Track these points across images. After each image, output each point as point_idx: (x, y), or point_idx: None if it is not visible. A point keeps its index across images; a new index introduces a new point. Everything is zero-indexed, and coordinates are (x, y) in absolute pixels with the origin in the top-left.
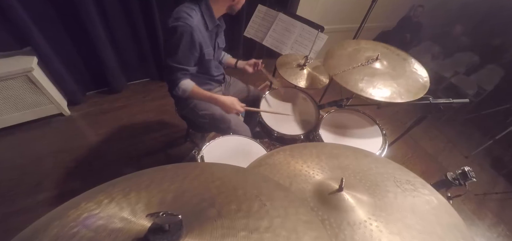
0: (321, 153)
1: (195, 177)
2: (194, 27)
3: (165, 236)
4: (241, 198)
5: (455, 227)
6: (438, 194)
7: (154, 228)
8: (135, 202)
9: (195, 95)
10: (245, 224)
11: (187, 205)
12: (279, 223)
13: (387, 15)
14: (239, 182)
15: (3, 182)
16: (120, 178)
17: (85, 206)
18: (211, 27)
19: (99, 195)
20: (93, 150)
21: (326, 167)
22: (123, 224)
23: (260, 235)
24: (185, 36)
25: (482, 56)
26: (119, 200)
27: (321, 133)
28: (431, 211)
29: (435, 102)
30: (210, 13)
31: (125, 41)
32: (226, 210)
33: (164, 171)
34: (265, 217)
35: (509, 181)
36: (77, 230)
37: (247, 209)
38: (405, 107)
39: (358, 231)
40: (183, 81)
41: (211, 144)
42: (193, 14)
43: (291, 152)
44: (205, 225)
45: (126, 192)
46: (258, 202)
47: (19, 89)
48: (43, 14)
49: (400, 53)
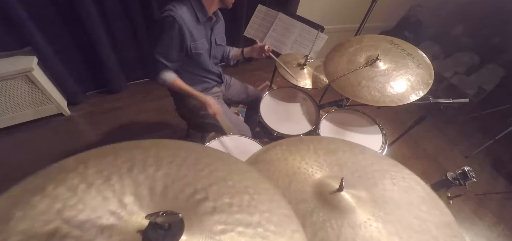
0: (318, 148)
1: (182, 162)
2: (177, 17)
3: (166, 233)
4: (232, 190)
5: (447, 225)
6: (431, 191)
7: (152, 226)
8: (120, 191)
9: (175, 87)
10: (239, 219)
11: (180, 196)
12: (268, 217)
13: (387, 15)
14: (226, 170)
15: (3, 182)
16: (89, 152)
17: (54, 193)
18: (203, 20)
19: (69, 175)
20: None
21: (324, 164)
22: (115, 219)
23: (254, 230)
24: (167, 26)
25: (482, 56)
26: (99, 186)
27: (321, 133)
28: (426, 209)
29: (435, 102)
30: (201, 6)
31: (125, 41)
32: (220, 203)
33: (142, 148)
34: (255, 212)
35: (509, 181)
36: (56, 226)
37: (239, 203)
38: (405, 107)
39: (359, 233)
40: (164, 72)
41: (211, 144)
42: (179, 6)
43: (287, 146)
44: (204, 221)
45: (105, 176)
46: (247, 196)
47: (19, 89)
48: (43, 14)
49: (405, 48)
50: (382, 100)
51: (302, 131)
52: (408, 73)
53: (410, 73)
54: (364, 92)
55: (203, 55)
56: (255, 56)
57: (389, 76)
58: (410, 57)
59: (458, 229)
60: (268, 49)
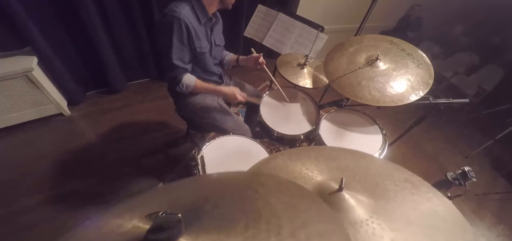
0: (319, 155)
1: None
2: (181, 17)
3: (165, 233)
4: (234, 191)
5: (458, 224)
6: (437, 191)
7: (153, 227)
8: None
9: (199, 89)
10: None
11: (183, 206)
12: (274, 202)
13: (387, 15)
14: (230, 186)
15: (3, 182)
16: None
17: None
18: (204, 20)
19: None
20: (93, 150)
21: (325, 169)
22: (120, 222)
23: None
24: (174, 27)
25: (482, 56)
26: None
27: (321, 133)
28: (431, 208)
29: (435, 102)
30: (201, 6)
31: (125, 41)
32: (220, 201)
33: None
34: (259, 199)
35: (509, 181)
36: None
37: (241, 198)
38: (405, 107)
39: (360, 230)
40: (185, 76)
41: (211, 144)
42: (180, 6)
43: (289, 155)
44: (203, 219)
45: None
46: (250, 190)
47: (19, 89)
48: (43, 14)
49: (405, 48)
50: (382, 100)
51: (302, 131)
52: (408, 73)
53: (410, 73)
54: (364, 92)
55: (206, 54)
56: (250, 65)
57: (389, 76)
58: (410, 57)
59: (467, 225)
60: (262, 62)
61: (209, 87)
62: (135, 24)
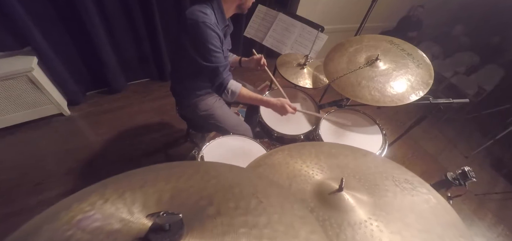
0: (319, 153)
1: (190, 176)
2: (211, 21)
3: (166, 235)
4: (238, 196)
5: (454, 226)
6: (436, 193)
7: (154, 228)
8: (131, 202)
9: (244, 98)
10: (244, 221)
11: (185, 203)
12: (277, 219)
13: (387, 15)
14: (235, 180)
15: (3, 182)
16: (111, 178)
17: (78, 207)
18: (222, 26)
19: (91, 195)
20: (93, 150)
21: (325, 167)
22: (121, 225)
23: (259, 231)
24: (208, 32)
25: (482, 56)
26: (114, 200)
27: (321, 133)
28: (429, 209)
29: (435, 102)
30: (221, 12)
31: (125, 41)
32: (224, 207)
33: (156, 170)
34: (263, 213)
35: (509, 181)
36: (72, 233)
37: (245, 206)
38: (405, 107)
39: (359, 231)
40: (231, 81)
41: (211, 144)
42: (205, 10)
43: (289, 151)
44: (205, 224)
45: (120, 192)
46: (255, 199)
47: (19, 89)
48: (43, 14)
49: (405, 48)
50: (382, 100)
51: (302, 131)
52: (408, 73)
53: (410, 73)
54: (364, 92)
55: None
56: (252, 67)
57: (389, 76)
58: (410, 57)
59: (465, 229)
60: (263, 63)
61: (256, 97)
62: (135, 24)
